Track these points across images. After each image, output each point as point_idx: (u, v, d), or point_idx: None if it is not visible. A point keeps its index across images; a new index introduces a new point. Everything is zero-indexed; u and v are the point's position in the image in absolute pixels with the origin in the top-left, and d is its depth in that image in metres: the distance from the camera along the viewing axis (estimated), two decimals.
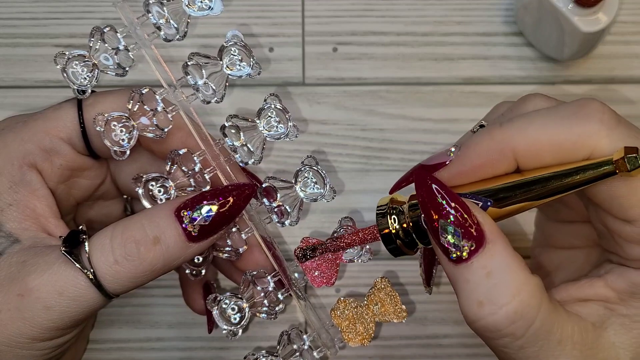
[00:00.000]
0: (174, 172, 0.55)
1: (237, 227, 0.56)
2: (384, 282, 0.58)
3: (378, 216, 0.53)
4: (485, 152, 0.49)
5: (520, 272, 0.47)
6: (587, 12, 0.67)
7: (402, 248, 0.53)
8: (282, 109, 0.55)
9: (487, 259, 0.47)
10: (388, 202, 0.54)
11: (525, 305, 0.46)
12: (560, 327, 0.47)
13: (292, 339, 0.57)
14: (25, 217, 0.53)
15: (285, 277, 0.57)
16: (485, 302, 0.46)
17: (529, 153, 0.48)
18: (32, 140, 0.54)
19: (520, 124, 0.48)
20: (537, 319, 0.46)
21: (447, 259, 0.48)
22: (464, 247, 0.47)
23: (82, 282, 0.49)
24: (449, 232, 0.47)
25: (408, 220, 0.52)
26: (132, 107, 0.54)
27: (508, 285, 0.46)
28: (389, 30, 0.76)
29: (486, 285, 0.46)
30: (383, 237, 0.53)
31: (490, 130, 0.49)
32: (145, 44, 0.55)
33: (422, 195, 0.48)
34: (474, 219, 0.47)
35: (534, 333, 0.46)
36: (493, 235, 0.47)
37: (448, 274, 0.49)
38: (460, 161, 0.50)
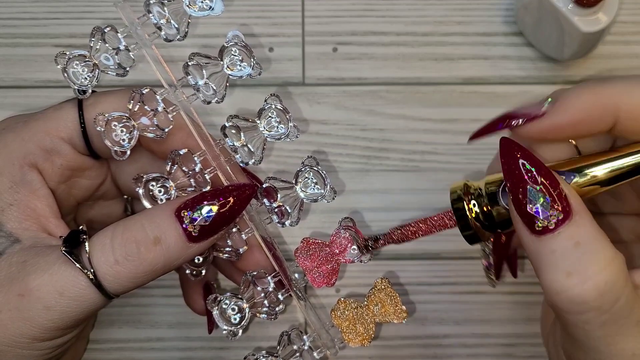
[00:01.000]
0: (174, 172, 0.55)
1: (237, 228, 0.56)
2: (384, 283, 0.58)
3: (454, 201, 0.51)
4: (586, 106, 0.47)
5: (608, 246, 0.45)
6: (587, 12, 0.67)
7: (480, 233, 0.51)
8: (283, 109, 0.55)
9: (575, 230, 0.45)
10: (462, 186, 0.52)
11: (614, 279, 0.44)
12: (639, 306, 0.45)
13: (292, 339, 0.57)
14: (25, 217, 0.53)
15: (285, 277, 0.57)
16: (574, 272, 0.44)
17: (631, 115, 0.46)
18: (33, 140, 0.54)
19: (627, 85, 0.47)
20: (622, 294, 0.44)
21: (531, 231, 0.46)
22: (552, 216, 0.45)
23: (83, 282, 0.49)
24: (537, 200, 0.45)
25: (487, 202, 0.50)
26: (132, 107, 0.54)
27: (598, 257, 0.44)
28: (389, 30, 0.76)
29: (575, 255, 0.44)
30: (460, 222, 0.51)
31: (592, 85, 0.47)
32: (146, 44, 0.55)
33: (509, 163, 0.46)
34: (562, 190, 0.45)
35: (619, 309, 0.44)
36: (579, 207, 0.45)
37: (529, 247, 0.46)
38: (556, 114, 0.48)
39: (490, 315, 0.72)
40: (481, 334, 0.72)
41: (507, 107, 0.71)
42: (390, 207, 0.72)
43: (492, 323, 0.72)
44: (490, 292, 0.72)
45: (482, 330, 0.72)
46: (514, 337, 0.72)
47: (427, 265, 0.72)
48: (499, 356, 0.72)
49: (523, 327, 0.71)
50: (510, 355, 0.72)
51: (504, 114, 0.51)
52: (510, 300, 0.72)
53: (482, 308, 0.72)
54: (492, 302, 0.72)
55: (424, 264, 0.72)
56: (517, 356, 0.72)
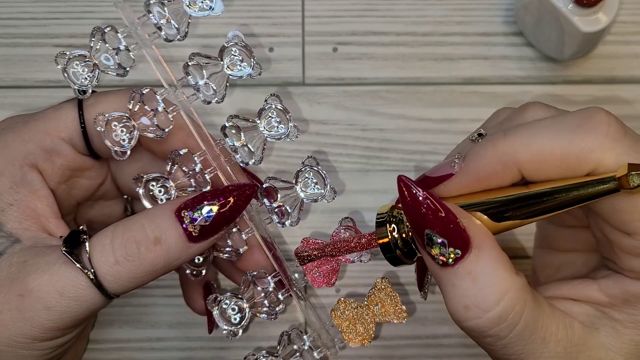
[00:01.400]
0: (174, 172, 0.55)
1: (237, 228, 0.56)
2: (384, 283, 0.58)
3: (377, 224, 0.53)
4: (489, 163, 0.48)
5: (505, 275, 0.47)
6: (587, 12, 0.67)
7: (401, 257, 0.53)
8: (283, 109, 0.55)
9: (473, 265, 0.47)
10: (388, 210, 0.53)
11: (509, 309, 0.46)
12: (545, 324, 0.48)
13: (293, 339, 0.57)
14: (25, 217, 0.53)
15: (285, 277, 0.57)
16: (471, 307, 0.47)
17: (532, 165, 0.47)
18: (33, 140, 0.54)
19: (524, 135, 0.48)
20: (520, 321, 0.47)
21: (434, 263, 0.48)
22: (450, 254, 0.47)
23: (83, 282, 0.49)
24: (434, 241, 0.47)
25: (407, 229, 0.51)
26: (132, 107, 0.54)
27: (493, 290, 0.46)
28: (389, 30, 0.76)
29: (472, 290, 0.47)
30: (382, 246, 0.53)
31: (494, 140, 0.48)
32: (146, 44, 0.55)
33: (407, 204, 0.48)
34: (461, 225, 0.47)
35: (517, 334, 0.47)
36: (479, 240, 0.47)
37: (435, 277, 0.49)
38: (464, 173, 0.49)
39: None
40: None
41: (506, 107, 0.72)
42: None
43: None
44: None
45: None
46: None
47: None
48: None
49: None
50: None
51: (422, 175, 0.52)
52: None
53: None
54: None
55: None
56: None
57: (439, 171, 0.51)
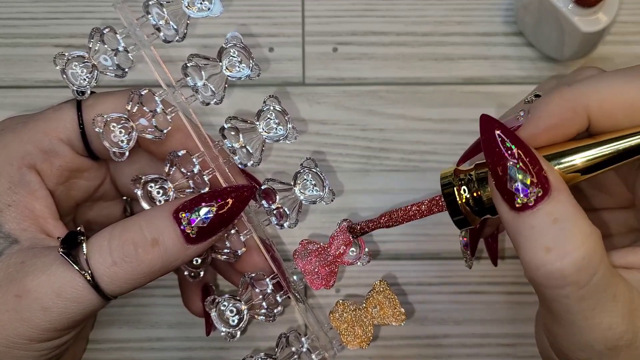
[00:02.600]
0: (172, 173, 0.55)
1: (235, 229, 0.56)
2: (382, 285, 0.57)
3: (444, 186, 0.52)
4: (557, 111, 0.48)
5: (585, 221, 0.46)
6: (587, 12, 0.67)
7: (469, 218, 0.51)
8: (282, 111, 0.55)
9: (553, 206, 0.45)
10: (452, 173, 0.52)
11: (591, 254, 0.45)
12: (615, 282, 0.46)
13: (291, 341, 0.57)
14: (24, 218, 0.53)
15: (283, 279, 0.57)
16: (552, 248, 0.45)
17: (602, 111, 0.47)
18: (32, 141, 0.54)
19: (593, 82, 0.47)
20: (599, 269, 0.45)
21: (510, 208, 0.46)
22: (531, 193, 0.45)
23: (80, 283, 0.49)
24: (517, 178, 0.46)
25: (476, 187, 0.50)
26: (131, 108, 0.54)
27: (575, 233, 0.45)
28: (389, 30, 0.76)
29: (553, 231, 0.45)
30: (450, 207, 0.51)
31: (560, 89, 0.48)
32: (144, 45, 0.55)
33: (489, 140, 0.47)
34: (541, 167, 0.46)
35: (596, 283, 0.45)
36: (559, 184, 0.46)
37: (508, 224, 0.47)
38: (531, 123, 0.49)
39: (490, 315, 0.72)
40: (481, 334, 0.72)
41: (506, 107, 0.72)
42: (390, 207, 0.72)
43: (492, 323, 0.72)
44: (490, 292, 0.72)
45: (482, 330, 0.72)
46: (514, 337, 0.72)
47: (427, 265, 0.72)
48: (499, 356, 0.72)
49: (523, 327, 0.71)
50: (510, 355, 0.72)
51: None
52: (510, 300, 0.72)
53: (482, 308, 0.72)
54: (492, 302, 0.72)
55: (424, 264, 0.72)
56: (517, 356, 0.72)
57: None
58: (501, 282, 0.72)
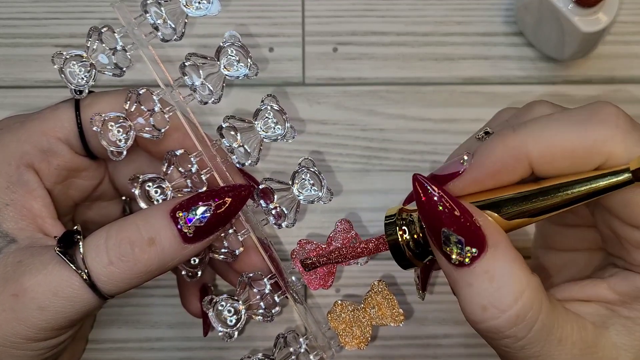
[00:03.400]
0: (170, 172, 0.55)
1: (233, 229, 0.56)
2: (381, 285, 0.57)
3: (387, 226, 0.52)
4: (499, 158, 0.48)
5: (522, 274, 0.47)
6: (587, 12, 0.67)
7: (412, 260, 0.52)
8: (280, 110, 0.55)
9: (489, 264, 0.46)
10: (396, 212, 0.52)
11: (527, 308, 0.46)
12: (560, 326, 0.47)
13: (289, 341, 0.57)
14: (22, 217, 0.53)
15: (281, 279, 0.57)
16: (488, 306, 0.46)
17: (543, 159, 0.47)
18: (30, 140, 0.54)
19: (534, 129, 0.47)
20: (538, 320, 0.46)
21: (449, 263, 0.47)
22: (467, 253, 0.46)
23: (77, 282, 0.49)
24: (451, 240, 0.47)
25: (419, 230, 0.51)
26: (129, 108, 0.54)
27: (510, 289, 0.46)
28: (389, 30, 0.76)
29: (489, 289, 0.46)
30: (392, 249, 0.52)
31: (504, 135, 0.48)
32: (142, 44, 0.55)
33: (422, 203, 0.48)
34: (476, 223, 0.47)
35: (535, 334, 0.46)
36: (495, 238, 0.47)
37: (449, 277, 0.49)
38: (474, 169, 0.49)
39: None
40: None
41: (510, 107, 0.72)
42: (390, 207, 0.72)
43: None
44: None
45: None
46: None
47: None
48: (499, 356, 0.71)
49: None
50: None
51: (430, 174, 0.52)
52: None
53: None
54: None
55: None
56: None
57: (447, 169, 0.50)
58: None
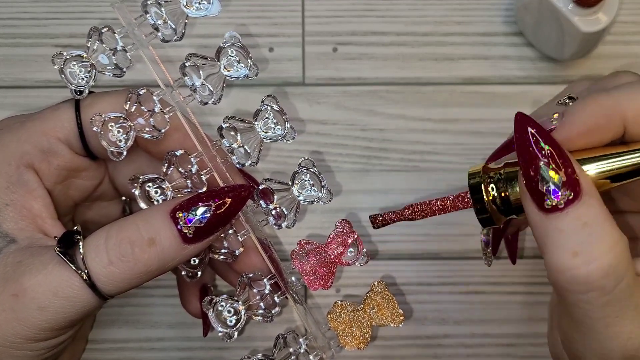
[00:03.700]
0: (170, 173, 0.55)
1: (233, 229, 0.56)
2: (380, 286, 0.57)
3: (472, 183, 0.51)
4: (592, 117, 0.48)
5: (614, 228, 0.45)
6: (587, 12, 0.67)
7: (495, 217, 0.51)
8: (280, 111, 0.55)
9: (583, 210, 0.45)
10: (480, 169, 0.51)
11: (618, 261, 0.45)
12: (639, 292, 0.46)
13: (289, 342, 0.57)
14: (21, 217, 0.53)
15: (281, 279, 0.57)
16: (580, 252, 0.45)
17: (638, 121, 0.47)
18: (30, 140, 0.54)
19: (630, 91, 0.47)
20: (625, 277, 0.45)
21: (539, 209, 0.46)
22: (562, 195, 0.45)
23: (77, 282, 0.49)
24: (549, 179, 0.45)
25: (504, 187, 0.50)
26: (129, 108, 0.54)
27: (604, 239, 0.45)
28: (389, 30, 0.76)
29: (582, 235, 0.45)
30: (477, 204, 0.51)
31: (597, 96, 0.48)
32: (143, 45, 0.55)
33: (522, 139, 0.46)
34: (573, 170, 0.46)
35: (620, 291, 0.45)
36: (589, 188, 0.46)
37: (535, 226, 0.47)
38: (566, 127, 0.48)
39: (490, 315, 0.72)
40: (481, 334, 0.72)
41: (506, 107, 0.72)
42: (390, 207, 0.72)
43: (492, 323, 0.72)
44: (490, 292, 0.72)
45: (482, 330, 0.71)
46: (514, 337, 0.72)
47: (427, 265, 0.72)
48: (499, 356, 0.72)
49: (523, 327, 0.71)
50: (510, 355, 0.71)
51: None
52: (510, 300, 0.72)
53: (482, 308, 0.72)
54: (492, 302, 0.72)
55: (424, 264, 0.72)
56: (517, 356, 0.71)
57: None
58: (502, 282, 0.72)
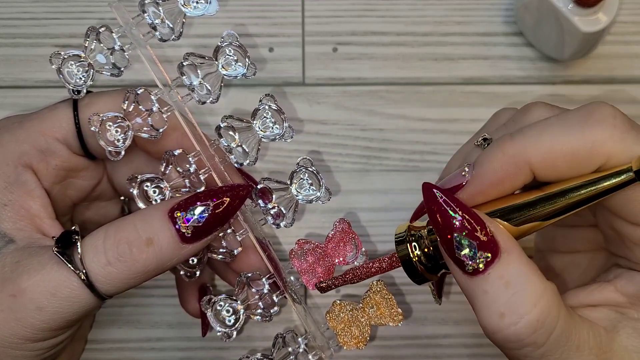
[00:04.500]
0: (168, 172, 0.55)
1: (231, 229, 0.56)
2: (379, 285, 0.57)
3: (397, 244, 0.52)
4: (500, 167, 0.48)
5: (537, 279, 0.46)
6: (587, 12, 0.67)
7: (425, 274, 0.52)
8: (278, 110, 0.55)
9: (504, 269, 0.46)
10: (406, 229, 0.52)
11: (546, 313, 0.45)
12: (577, 332, 0.47)
13: (287, 341, 0.57)
14: (20, 217, 0.53)
15: (280, 279, 0.57)
16: (506, 313, 0.45)
17: (544, 164, 0.47)
18: (28, 140, 0.54)
19: (532, 135, 0.47)
20: (557, 325, 0.46)
21: (462, 272, 0.47)
22: (480, 258, 0.46)
23: (75, 282, 0.49)
24: (464, 246, 0.46)
25: (428, 244, 0.51)
26: (127, 108, 0.54)
27: (528, 294, 0.45)
28: (389, 30, 0.76)
29: (505, 295, 0.45)
30: (405, 264, 0.52)
31: (502, 144, 0.48)
32: (140, 44, 0.55)
33: (433, 210, 0.47)
34: (488, 230, 0.46)
35: (555, 340, 0.46)
36: (507, 244, 0.47)
37: (463, 287, 0.48)
38: (476, 180, 0.49)
39: None
40: (481, 334, 0.70)
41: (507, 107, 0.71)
42: (390, 207, 0.72)
43: None
44: None
45: (482, 331, 0.71)
46: None
47: None
48: (498, 356, 0.71)
49: None
50: None
51: None
52: None
53: None
54: None
55: None
56: None
57: (450, 182, 0.50)
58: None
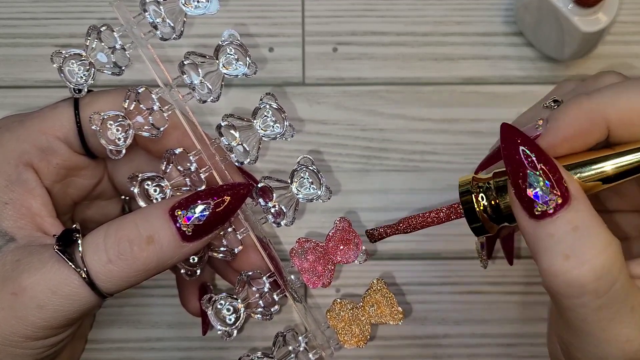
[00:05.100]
0: (169, 171, 0.55)
1: (232, 227, 0.56)
2: (380, 284, 0.57)
3: (462, 194, 0.52)
4: (575, 122, 0.48)
5: (605, 231, 0.45)
6: (587, 12, 0.67)
7: (487, 225, 0.52)
8: (278, 109, 0.55)
9: (573, 215, 0.45)
10: (470, 180, 0.52)
11: (611, 263, 0.44)
12: (634, 294, 0.46)
13: (288, 340, 0.57)
14: (20, 216, 0.53)
15: (280, 277, 0.57)
16: (571, 255, 0.44)
17: (621, 122, 0.47)
18: (29, 139, 0.54)
19: (611, 93, 0.47)
20: (618, 279, 0.45)
21: (529, 215, 0.46)
22: (551, 200, 0.45)
23: (76, 281, 0.49)
24: (537, 185, 0.45)
25: (495, 195, 0.51)
26: (128, 106, 0.54)
27: (595, 241, 0.45)
28: (389, 30, 0.76)
29: (572, 239, 0.45)
30: (468, 214, 0.52)
31: (579, 100, 0.48)
32: (141, 43, 0.55)
33: (509, 148, 0.47)
34: (561, 176, 0.46)
35: (614, 293, 0.45)
36: (578, 193, 0.46)
37: (527, 233, 0.47)
38: (550, 133, 0.49)
39: (490, 315, 0.71)
40: (481, 334, 0.71)
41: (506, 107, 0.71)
42: (389, 207, 0.72)
43: (492, 323, 0.71)
44: (490, 292, 0.71)
45: (482, 330, 0.71)
46: (514, 337, 0.71)
47: (427, 265, 0.72)
48: (499, 356, 0.71)
49: (523, 327, 0.71)
50: (510, 355, 0.71)
51: None
52: (510, 300, 0.72)
53: (482, 308, 0.72)
54: (492, 302, 0.72)
55: (424, 263, 0.72)
56: (517, 356, 0.71)
57: None
58: (501, 282, 0.71)
